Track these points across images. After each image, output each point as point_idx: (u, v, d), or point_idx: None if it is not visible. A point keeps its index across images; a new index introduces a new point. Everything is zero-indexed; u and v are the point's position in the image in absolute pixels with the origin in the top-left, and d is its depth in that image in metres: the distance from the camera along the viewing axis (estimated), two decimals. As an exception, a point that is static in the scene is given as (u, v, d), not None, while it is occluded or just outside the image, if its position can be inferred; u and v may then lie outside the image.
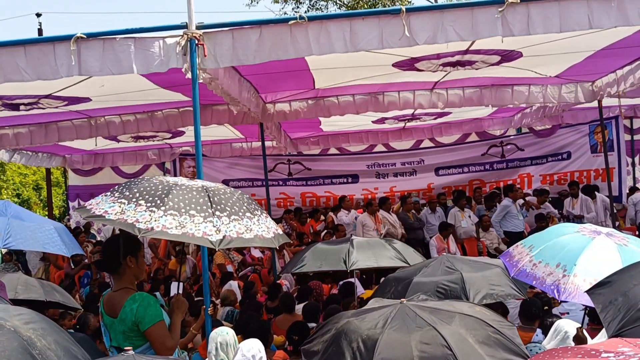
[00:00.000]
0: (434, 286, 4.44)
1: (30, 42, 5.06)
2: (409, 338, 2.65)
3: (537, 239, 4.33)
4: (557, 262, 3.88)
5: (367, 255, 5.60)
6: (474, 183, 13.16)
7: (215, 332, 4.24)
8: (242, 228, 3.44)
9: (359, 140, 12.91)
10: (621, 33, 5.94)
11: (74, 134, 8.70)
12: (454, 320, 2.77)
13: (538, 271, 3.95)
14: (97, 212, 3.34)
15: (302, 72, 6.97)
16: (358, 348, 2.70)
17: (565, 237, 4.10)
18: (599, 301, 2.83)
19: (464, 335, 2.68)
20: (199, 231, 3.27)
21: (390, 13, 4.97)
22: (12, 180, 26.29)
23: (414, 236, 10.86)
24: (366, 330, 2.76)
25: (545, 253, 4.04)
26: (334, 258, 5.58)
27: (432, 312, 2.85)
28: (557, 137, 12.83)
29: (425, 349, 2.59)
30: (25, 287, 5.21)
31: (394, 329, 2.72)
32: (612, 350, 1.80)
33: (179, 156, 13.00)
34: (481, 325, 2.78)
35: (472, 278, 4.49)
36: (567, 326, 4.26)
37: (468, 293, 4.34)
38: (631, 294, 2.72)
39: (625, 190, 12.08)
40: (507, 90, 8.65)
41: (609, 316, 2.68)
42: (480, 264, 4.80)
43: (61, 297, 5.64)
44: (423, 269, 4.75)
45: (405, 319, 2.79)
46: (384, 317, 2.83)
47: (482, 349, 2.63)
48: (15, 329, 1.97)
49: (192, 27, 5.05)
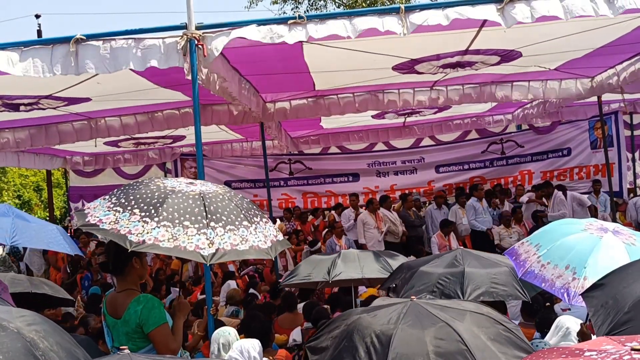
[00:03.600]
0: (436, 278, 4.47)
1: (29, 43, 5.06)
2: (423, 334, 2.64)
3: (544, 237, 4.27)
4: (567, 263, 3.83)
5: (352, 267, 5.61)
6: (474, 180, 13.17)
7: (217, 332, 4.24)
8: (237, 239, 3.36)
9: (360, 139, 12.93)
10: (620, 31, 5.94)
11: (74, 136, 8.69)
12: (465, 318, 2.77)
13: (547, 273, 3.90)
14: (92, 221, 3.28)
15: (302, 74, 6.96)
16: (372, 343, 2.67)
17: (573, 236, 4.03)
18: (592, 304, 2.82)
19: (476, 332, 2.68)
20: (191, 244, 3.20)
21: (389, 11, 4.96)
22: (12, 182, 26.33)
23: (415, 234, 10.90)
24: (379, 326, 2.74)
25: (554, 254, 3.98)
26: (321, 268, 5.67)
27: (443, 309, 2.84)
28: (557, 134, 12.85)
29: (440, 344, 2.58)
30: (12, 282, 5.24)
31: (408, 325, 2.71)
32: (595, 349, 1.81)
33: (180, 156, 13.01)
34: (492, 323, 2.78)
35: (474, 274, 4.46)
36: (569, 322, 4.26)
37: (465, 289, 4.32)
38: (620, 296, 2.70)
39: (625, 185, 12.11)
40: (506, 87, 8.66)
41: (599, 320, 2.67)
42: (490, 262, 4.77)
43: (50, 289, 5.65)
44: (434, 260, 4.78)
45: (418, 315, 2.78)
46: (397, 313, 2.82)
47: (494, 345, 2.63)
48: (19, 331, 1.98)
49: (192, 28, 5.04)
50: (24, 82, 5.80)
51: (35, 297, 5.49)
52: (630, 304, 2.61)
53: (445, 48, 6.23)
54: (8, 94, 6.60)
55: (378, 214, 10.49)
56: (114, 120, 8.56)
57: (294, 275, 5.90)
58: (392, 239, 10.51)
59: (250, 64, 6.35)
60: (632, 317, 2.56)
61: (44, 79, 5.04)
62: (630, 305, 2.60)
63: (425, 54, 6.40)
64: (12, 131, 8.67)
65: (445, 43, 5.93)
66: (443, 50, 6.34)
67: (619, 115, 11.98)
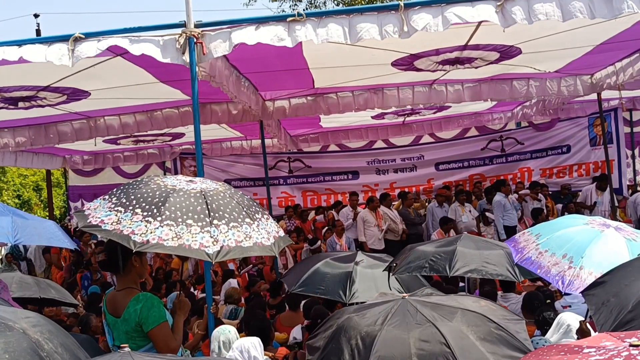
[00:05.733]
0: (430, 255, 4.60)
1: (28, 42, 5.05)
2: (407, 335, 2.63)
3: (545, 228, 4.29)
4: (564, 252, 3.84)
5: (368, 286, 5.04)
6: (474, 178, 13.17)
7: (217, 330, 4.25)
8: (240, 236, 3.35)
9: (359, 137, 12.93)
10: (621, 25, 5.92)
11: (74, 135, 8.68)
12: (455, 317, 2.75)
13: (543, 260, 3.92)
14: (94, 222, 3.26)
15: (301, 70, 6.95)
16: (357, 345, 2.68)
17: (574, 228, 4.05)
18: (592, 302, 2.81)
19: (465, 331, 2.66)
20: (195, 242, 3.19)
21: (389, 8, 4.95)
22: (12, 182, 26.31)
23: (415, 231, 10.89)
24: (365, 327, 2.74)
25: (552, 242, 3.99)
26: (335, 284, 5.06)
27: (433, 307, 2.83)
28: (557, 131, 12.84)
29: (423, 347, 2.57)
30: (20, 285, 5.24)
31: (393, 326, 2.71)
32: (594, 346, 1.81)
33: (179, 155, 13.01)
34: (483, 322, 2.76)
35: (466, 253, 4.55)
36: (569, 319, 4.26)
37: (453, 264, 4.41)
38: (622, 294, 2.70)
39: (625, 182, 12.11)
40: (506, 84, 8.65)
41: (602, 318, 2.66)
42: (488, 245, 4.85)
43: (57, 293, 5.66)
44: (436, 241, 4.90)
45: (406, 315, 2.77)
46: (385, 313, 2.81)
47: (483, 345, 2.61)
48: (24, 331, 2.00)
49: (191, 26, 5.04)
50: (21, 72, 5.77)
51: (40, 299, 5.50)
52: (633, 302, 2.60)
53: (444, 43, 6.22)
54: (6, 86, 6.55)
55: (378, 212, 10.49)
56: (113, 119, 8.56)
57: (303, 283, 5.24)
58: (392, 237, 10.51)
59: (249, 61, 6.34)
60: (636, 316, 2.55)
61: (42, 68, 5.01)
62: (633, 304, 2.59)
63: (424, 48, 6.39)
64: (12, 131, 8.67)
65: (444, 38, 5.92)
66: (442, 45, 6.33)
67: (619, 112, 11.97)
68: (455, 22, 4.83)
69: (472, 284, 6.76)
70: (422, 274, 4.89)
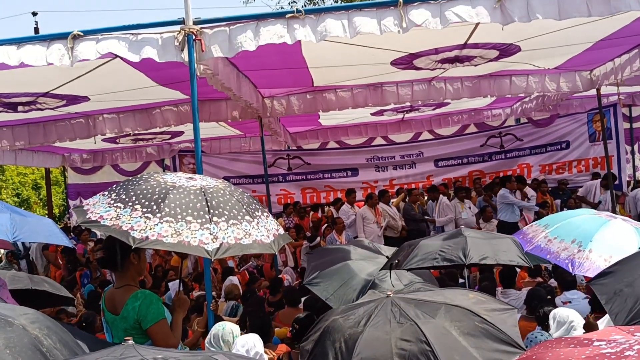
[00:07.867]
0: (439, 247, 4.42)
1: (27, 40, 5.04)
2: (389, 335, 2.64)
3: (553, 219, 4.36)
4: (573, 238, 3.90)
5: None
6: (473, 174, 13.17)
7: (215, 327, 4.24)
8: (240, 233, 3.34)
9: (358, 134, 12.93)
10: (620, 22, 5.91)
11: (73, 134, 8.67)
12: (438, 313, 2.74)
13: (553, 246, 3.97)
14: (93, 217, 3.25)
15: (300, 69, 6.94)
16: (340, 348, 2.69)
17: (582, 216, 4.11)
18: (603, 292, 2.80)
19: (448, 328, 2.66)
20: (195, 239, 3.17)
21: (387, 5, 4.94)
22: (11, 180, 26.29)
23: (416, 227, 10.83)
24: (348, 329, 2.75)
25: (561, 230, 4.05)
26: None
27: (417, 305, 2.82)
28: (556, 127, 12.85)
29: (404, 346, 2.58)
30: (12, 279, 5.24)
31: (375, 327, 2.71)
32: (604, 339, 1.80)
33: (178, 153, 13.01)
34: (467, 316, 2.75)
35: (477, 242, 4.43)
36: (572, 316, 4.25)
37: (467, 252, 4.25)
38: (637, 284, 2.68)
39: (624, 178, 12.11)
40: (505, 80, 8.65)
41: (616, 307, 2.64)
42: (493, 235, 4.83)
43: (50, 287, 5.65)
44: (439, 235, 4.84)
45: (388, 314, 2.77)
46: (368, 313, 2.82)
47: (467, 340, 2.61)
48: (24, 327, 2.01)
49: (190, 23, 5.03)
50: (21, 79, 5.77)
51: (36, 296, 5.49)
52: None
53: (443, 42, 6.21)
54: (6, 92, 6.57)
55: (377, 209, 10.48)
56: (112, 119, 8.55)
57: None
58: (391, 233, 10.49)
59: (248, 59, 6.33)
60: None
61: (41, 75, 5.01)
62: None
63: (423, 47, 6.38)
64: (10, 129, 8.66)
65: (443, 37, 5.91)
66: (441, 44, 6.32)
67: (618, 108, 11.96)
68: (455, 21, 4.82)
69: (472, 281, 6.76)
70: (435, 265, 4.57)
